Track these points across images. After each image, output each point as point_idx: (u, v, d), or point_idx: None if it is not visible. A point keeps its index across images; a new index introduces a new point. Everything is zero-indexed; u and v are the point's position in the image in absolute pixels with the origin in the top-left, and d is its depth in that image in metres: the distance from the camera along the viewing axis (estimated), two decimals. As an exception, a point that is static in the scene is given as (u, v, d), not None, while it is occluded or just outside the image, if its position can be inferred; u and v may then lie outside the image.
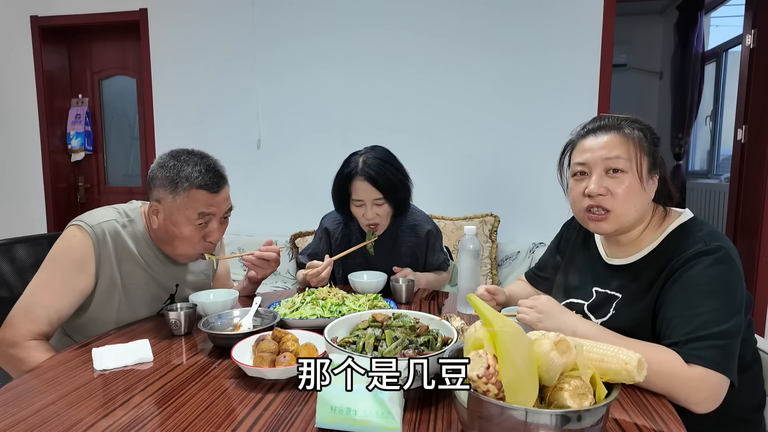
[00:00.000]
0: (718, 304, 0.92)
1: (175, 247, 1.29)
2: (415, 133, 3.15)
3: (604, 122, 1.05)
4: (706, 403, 0.88)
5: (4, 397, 0.89)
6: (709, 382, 0.88)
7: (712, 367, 0.88)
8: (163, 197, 1.25)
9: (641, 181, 0.99)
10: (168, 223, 1.25)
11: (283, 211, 3.37)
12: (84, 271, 1.21)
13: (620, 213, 1.00)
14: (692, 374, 0.88)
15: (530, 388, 0.67)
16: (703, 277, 0.94)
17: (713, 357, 0.88)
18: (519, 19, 2.98)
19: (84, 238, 1.21)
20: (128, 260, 1.29)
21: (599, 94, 2.93)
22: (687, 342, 0.90)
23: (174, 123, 3.45)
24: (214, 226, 1.30)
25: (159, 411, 0.83)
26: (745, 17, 2.90)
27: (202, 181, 1.24)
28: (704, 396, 0.88)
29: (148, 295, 1.34)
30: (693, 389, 0.87)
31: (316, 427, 0.77)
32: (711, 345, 0.89)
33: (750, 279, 2.74)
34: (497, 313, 0.71)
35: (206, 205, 1.25)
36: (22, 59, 3.54)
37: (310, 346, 0.99)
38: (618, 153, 0.99)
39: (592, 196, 1.01)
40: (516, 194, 3.07)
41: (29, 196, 3.62)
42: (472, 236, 1.38)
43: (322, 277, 1.54)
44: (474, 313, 1.31)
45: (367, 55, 3.16)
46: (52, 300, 1.19)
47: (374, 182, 1.54)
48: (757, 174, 2.76)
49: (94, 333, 1.26)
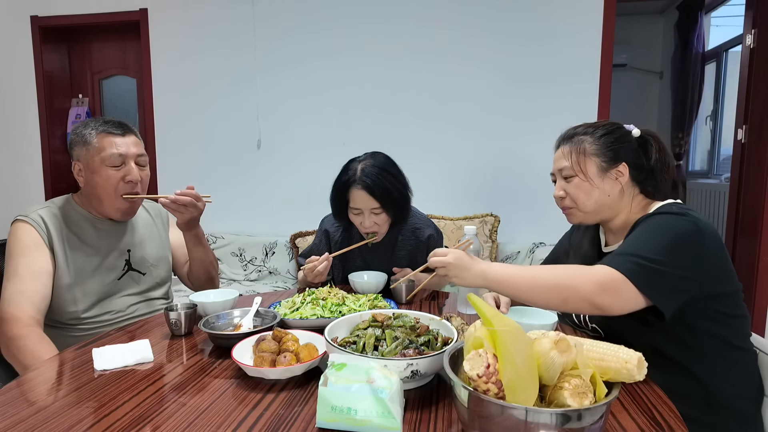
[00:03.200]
0: (647, 241, 1.00)
1: (101, 196, 1.40)
2: (416, 133, 3.15)
3: (562, 136, 1.24)
4: (604, 296, 0.95)
5: (4, 397, 0.89)
6: (606, 274, 0.96)
7: (614, 267, 0.96)
8: (79, 153, 1.40)
9: (589, 180, 1.15)
10: (88, 173, 1.39)
11: (283, 211, 3.37)
12: (39, 251, 1.33)
13: (580, 207, 1.18)
14: (596, 270, 0.97)
15: (530, 387, 0.67)
16: (645, 225, 1.05)
17: (621, 262, 0.97)
18: (519, 19, 2.99)
19: (25, 226, 1.34)
20: (71, 235, 1.39)
21: (599, 94, 2.93)
22: (614, 256, 1.00)
23: (174, 123, 3.45)
24: (131, 165, 1.40)
25: (159, 411, 0.83)
26: (746, 17, 2.90)
27: (104, 128, 1.39)
28: (594, 282, 0.95)
29: (101, 262, 1.42)
30: (588, 278, 0.96)
31: (317, 426, 0.77)
32: (626, 259, 0.98)
33: (750, 279, 2.74)
34: (497, 312, 0.71)
35: (115, 146, 1.38)
36: (22, 59, 3.54)
37: (310, 346, 0.99)
38: (565, 163, 1.18)
39: (558, 199, 1.23)
40: (516, 194, 3.07)
41: (29, 196, 3.61)
42: (472, 236, 1.38)
43: (319, 271, 1.51)
44: (474, 313, 1.31)
45: (367, 55, 3.16)
46: (26, 284, 1.28)
47: (371, 192, 1.51)
48: (757, 174, 2.76)
49: (71, 308, 1.35)
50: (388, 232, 1.66)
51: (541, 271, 1.03)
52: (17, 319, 1.23)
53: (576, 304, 0.98)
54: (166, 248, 1.61)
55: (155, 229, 1.59)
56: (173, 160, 3.49)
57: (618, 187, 1.14)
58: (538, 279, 1.01)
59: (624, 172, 1.14)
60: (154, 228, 1.59)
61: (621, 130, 1.17)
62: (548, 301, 1.00)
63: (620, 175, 1.14)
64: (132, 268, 1.48)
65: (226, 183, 3.43)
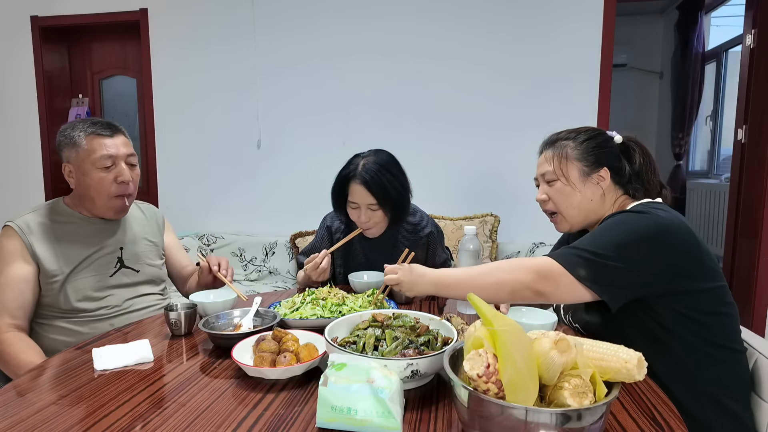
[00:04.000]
0: (605, 237, 1.02)
1: (93, 198, 1.41)
2: (416, 133, 3.15)
3: (545, 141, 1.26)
4: (543, 282, 1.00)
5: (4, 397, 0.89)
6: (544, 263, 1.01)
7: (554, 258, 1.01)
8: (69, 155, 1.41)
9: (571, 185, 1.17)
10: (80, 175, 1.40)
11: (283, 211, 3.37)
12: (21, 258, 1.34)
13: (563, 213, 1.21)
14: (535, 261, 1.03)
15: (530, 387, 0.67)
16: (604, 223, 1.08)
17: (564, 254, 1.02)
18: (519, 19, 2.99)
19: (11, 233, 1.36)
20: (61, 234, 1.40)
21: (599, 94, 2.93)
22: (562, 249, 1.04)
23: (174, 123, 3.45)
24: (122, 166, 1.42)
25: (159, 411, 0.83)
26: (746, 17, 2.90)
27: (92, 129, 1.40)
28: (534, 270, 1.01)
29: (92, 259, 1.43)
30: (529, 268, 1.01)
31: (317, 426, 0.77)
32: (571, 252, 1.02)
33: (750, 279, 2.74)
34: (497, 312, 0.71)
35: (105, 147, 1.39)
36: (22, 59, 3.54)
37: (310, 346, 0.99)
38: (547, 168, 1.21)
39: (541, 203, 1.25)
40: (516, 194, 3.07)
41: (29, 196, 3.61)
42: (472, 236, 1.38)
43: (323, 267, 1.52)
44: (474, 312, 1.31)
45: (367, 55, 3.16)
46: (6, 294, 1.31)
47: (369, 188, 1.54)
48: (757, 174, 2.76)
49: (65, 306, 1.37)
50: (388, 228, 1.67)
51: (487, 269, 1.08)
52: None
53: (522, 293, 1.03)
54: (160, 248, 1.62)
55: (149, 230, 1.60)
56: (173, 160, 3.49)
57: (599, 192, 1.17)
58: (485, 277, 1.06)
59: (605, 177, 1.16)
60: (149, 228, 1.60)
61: (603, 136, 1.20)
62: (498, 295, 1.05)
63: (601, 179, 1.16)
64: (125, 265, 1.49)
65: (226, 183, 3.43)
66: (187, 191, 3.49)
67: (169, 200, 3.51)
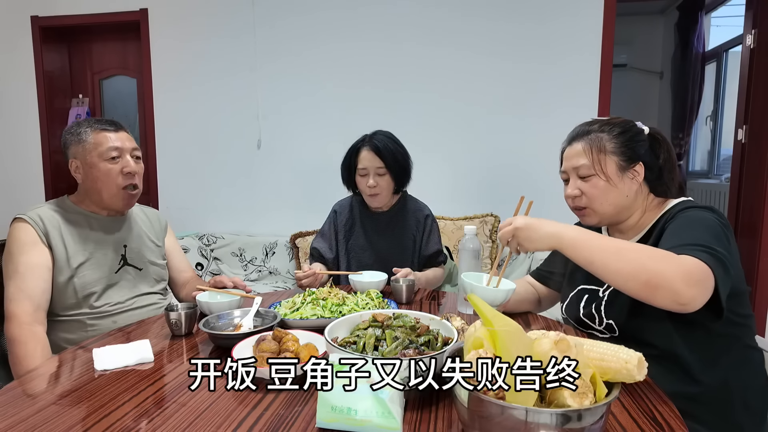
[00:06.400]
0: (701, 231, 0.96)
1: (100, 190, 1.44)
2: (416, 133, 3.12)
3: (576, 132, 1.18)
4: (692, 289, 0.86)
5: (4, 397, 0.89)
6: (698, 266, 0.88)
7: (701, 258, 0.89)
8: (75, 151, 1.45)
9: (608, 180, 1.11)
10: (87, 168, 1.44)
11: (283, 211, 3.37)
12: (36, 247, 1.36)
13: (595, 208, 1.14)
14: (685, 259, 0.89)
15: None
16: (684, 219, 1.02)
17: (701, 253, 0.90)
18: (519, 20, 2.99)
19: (24, 225, 1.38)
20: (68, 231, 1.42)
21: (599, 94, 2.93)
22: (676, 248, 0.93)
23: (174, 123, 3.45)
24: (128, 159, 1.46)
25: (160, 411, 0.83)
26: (746, 17, 2.90)
27: (98, 125, 1.46)
28: (684, 270, 0.87)
29: (98, 256, 1.45)
30: (678, 266, 0.87)
31: (317, 426, 0.77)
32: (698, 249, 0.91)
33: (750, 279, 2.74)
34: (497, 312, 0.71)
35: (111, 140, 1.44)
36: (22, 59, 3.54)
37: (310, 346, 0.99)
38: (582, 161, 1.13)
39: (571, 198, 1.18)
40: (516, 194, 3.04)
41: (29, 196, 3.61)
42: (472, 236, 1.38)
43: (307, 282, 1.57)
44: (474, 312, 1.31)
45: (367, 56, 3.16)
46: (26, 281, 1.31)
47: (378, 151, 1.73)
48: (758, 174, 2.76)
49: (71, 301, 1.38)
50: (390, 208, 1.84)
51: (627, 245, 0.95)
52: (16, 317, 1.27)
53: (659, 292, 0.88)
54: (162, 250, 1.64)
55: (152, 231, 1.63)
56: (173, 160, 3.49)
57: (635, 187, 1.12)
58: (623, 253, 0.92)
59: (640, 172, 1.11)
60: (152, 230, 1.63)
61: (635, 128, 1.14)
62: (628, 279, 0.90)
63: (636, 174, 1.11)
64: (128, 263, 1.51)
65: (226, 183, 3.43)
66: (187, 191, 3.49)
67: (169, 200, 3.51)
